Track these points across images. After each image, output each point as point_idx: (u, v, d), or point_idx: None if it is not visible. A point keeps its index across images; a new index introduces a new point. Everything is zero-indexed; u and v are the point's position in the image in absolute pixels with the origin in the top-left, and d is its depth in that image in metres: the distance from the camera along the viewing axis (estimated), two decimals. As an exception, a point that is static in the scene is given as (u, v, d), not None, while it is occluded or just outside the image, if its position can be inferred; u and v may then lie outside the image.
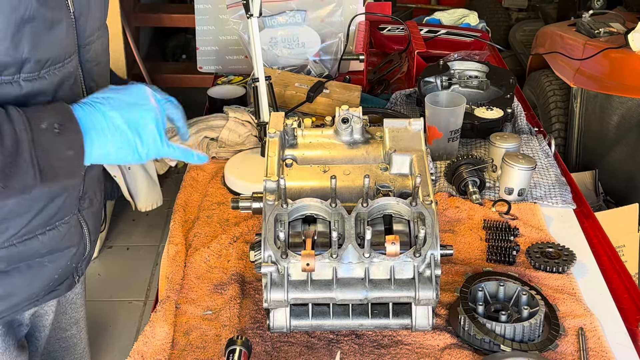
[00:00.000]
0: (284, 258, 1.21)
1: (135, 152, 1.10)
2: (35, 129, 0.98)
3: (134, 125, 1.09)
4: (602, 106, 3.12)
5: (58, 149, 1.00)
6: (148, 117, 1.11)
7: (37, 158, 0.98)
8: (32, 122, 0.98)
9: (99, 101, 1.07)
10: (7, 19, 0.99)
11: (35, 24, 1.03)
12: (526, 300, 1.30)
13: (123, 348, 2.89)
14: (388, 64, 2.45)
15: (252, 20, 1.70)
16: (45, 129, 0.99)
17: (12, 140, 0.95)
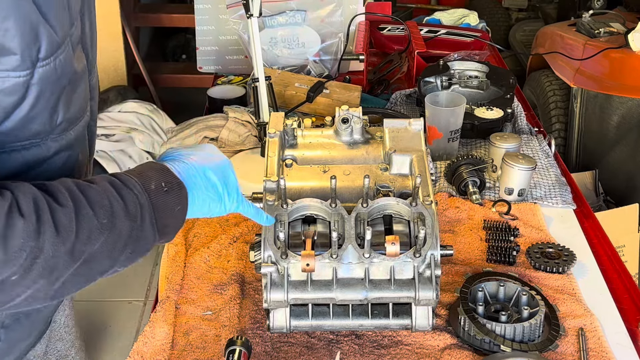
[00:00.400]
0: (284, 258, 1.21)
1: (223, 204, 1.10)
2: (149, 190, 0.98)
3: (223, 178, 1.10)
4: (602, 106, 3.12)
5: (170, 207, 1.01)
6: (230, 171, 1.12)
7: (155, 219, 0.98)
8: (144, 184, 0.98)
9: (186, 156, 1.08)
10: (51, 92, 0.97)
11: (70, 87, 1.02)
12: (526, 301, 1.30)
13: (123, 348, 2.89)
14: (388, 64, 2.45)
15: (252, 20, 1.70)
16: (155, 189, 0.99)
17: (134, 205, 0.95)
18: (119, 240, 0.93)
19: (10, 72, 0.89)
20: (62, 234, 0.86)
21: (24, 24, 0.89)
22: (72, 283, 0.90)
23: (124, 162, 3.21)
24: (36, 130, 0.98)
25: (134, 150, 3.24)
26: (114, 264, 0.95)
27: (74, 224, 0.87)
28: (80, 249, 0.88)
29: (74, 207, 0.88)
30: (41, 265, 0.85)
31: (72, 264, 0.88)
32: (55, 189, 0.89)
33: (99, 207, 0.91)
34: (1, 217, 0.81)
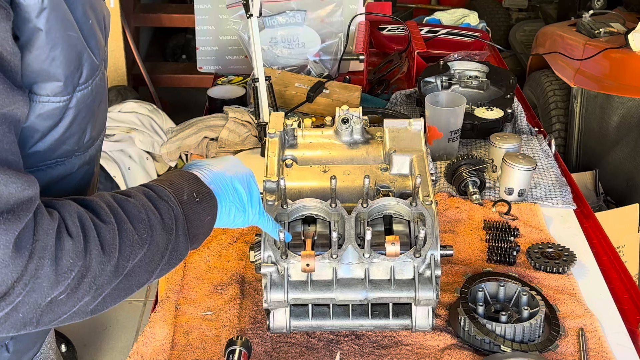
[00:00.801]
0: (284, 258, 1.21)
1: (246, 216, 1.11)
2: (181, 201, 0.99)
3: (248, 189, 1.11)
4: (603, 106, 3.12)
5: (201, 217, 1.01)
6: (253, 182, 1.13)
7: (188, 229, 0.99)
8: (177, 195, 0.99)
9: (214, 165, 1.09)
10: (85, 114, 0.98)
11: (98, 106, 1.03)
12: (526, 301, 1.30)
13: (123, 348, 2.89)
14: (388, 64, 2.45)
15: (252, 20, 1.70)
16: (188, 199, 1.00)
17: (170, 217, 0.96)
18: (156, 253, 0.94)
19: (51, 97, 0.91)
20: (107, 252, 0.87)
21: (70, 53, 0.90)
22: (112, 298, 0.91)
23: (124, 162, 3.21)
24: (66, 150, 0.99)
25: (133, 150, 3.24)
26: (151, 276, 0.96)
27: (117, 240, 0.88)
28: (123, 264, 0.89)
29: (116, 224, 0.89)
30: (87, 284, 0.86)
31: (115, 280, 0.89)
32: (96, 205, 0.90)
33: (138, 221, 0.92)
34: (51, 237, 0.82)
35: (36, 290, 0.81)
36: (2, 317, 0.81)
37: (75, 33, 0.91)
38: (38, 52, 0.87)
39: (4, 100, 0.79)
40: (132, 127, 3.27)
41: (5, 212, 0.78)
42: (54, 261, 0.81)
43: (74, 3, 0.91)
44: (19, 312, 0.81)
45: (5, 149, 0.80)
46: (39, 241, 0.80)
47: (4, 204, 0.78)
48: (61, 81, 0.90)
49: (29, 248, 0.79)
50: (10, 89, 0.80)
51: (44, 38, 0.86)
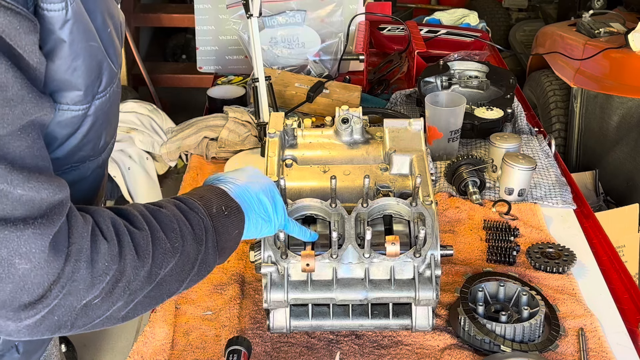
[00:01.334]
0: (284, 258, 1.21)
1: (273, 225, 1.13)
2: (211, 214, 1.00)
3: (272, 199, 1.12)
4: (603, 106, 3.12)
5: (229, 231, 1.03)
6: (276, 191, 1.14)
7: (217, 242, 1.00)
8: (207, 208, 1.01)
9: (238, 179, 1.10)
10: (102, 121, 0.98)
11: (113, 112, 1.03)
12: (526, 301, 1.30)
13: (123, 348, 2.89)
14: (388, 64, 2.45)
15: (252, 20, 1.70)
16: (217, 212, 1.01)
17: (200, 228, 0.98)
18: (187, 263, 0.95)
19: (71, 106, 0.91)
20: (141, 257, 0.88)
21: (91, 63, 0.91)
22: (143, 305, 0.92)
23: (124, 162, 3.21)
24: (82, 156, 0.99)
25: (133, 150, 3.24)
26: (180, 285, 0.97)
27: (150, 247, 0.89)
28: (155, 272, 0.90)
29: (149, 231, 0.90)
30: (122, 288, 0.86)
31: (148, 287, 0.90)
32: (129, 213, 0.91)
33: (170, 230, 0.93)
34: (86, 240, 0.82)
35: (72, 293, 0.82)
36: (38, 320, 0.81)
37: (96, 43, 0.92)
38: (60, 62, 0.87)
39: (34, 107, 0.80)
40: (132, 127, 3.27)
41: (39, 217, 0.78)
42: (89, 264, 0.82)
43: (94, 12, 0.91)
44: (54, 315, 0.82)
45: (36, 156, 0.81)
46: (74, 244, 0.81)
47: (37, 209, 0.79)
48: (82, 90, 0.91)
49: (64, 251, 0.80)
50: (39, 96, 0.81)
51: (67, 49, 0.86)
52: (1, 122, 0.76)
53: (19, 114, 0.78)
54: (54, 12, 0.84)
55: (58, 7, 0.84)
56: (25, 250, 0.77)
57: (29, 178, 0.78)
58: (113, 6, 0.99)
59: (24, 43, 0.79)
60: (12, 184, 0.76)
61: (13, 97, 0.77)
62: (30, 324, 0.81)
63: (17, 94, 0.77)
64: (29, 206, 0.78)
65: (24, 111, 0.78)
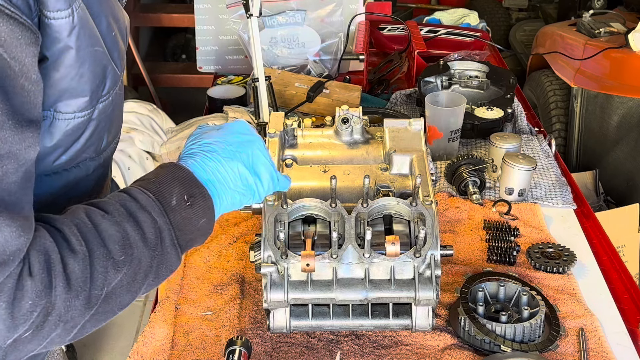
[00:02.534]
0: (284, 258, 1.21)
1: (255, 194, 1.03)
2: (168, 209, 0.91)
3: (252, 166, 1.02)
4: (603, 106, 3.12)
5: (192, 223, 0.94)
6: (261, 154, 1.04)
7: (177, 239, 0.92)
8: (163, 202, 0.91)
9: (213, 149, 1.00)
10: (104, 123, 0.97)
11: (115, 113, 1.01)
12: (526, 301, 1.30)
13: (123, 348, 2.89)
14: (388, 64, 2.45)
15: (252, 20, 1.70)
16: (177, 205, 0.92)
17: (154, 230, 0.89)
18: (138, 272, 0.88)
19: (77, 113, 0.90)
20: (74, 287, 0.81)
21: (96, 68, 0.90)
22: (92, 323, 0.86)
23: (124, 162, 3.20)
24: (84, 158, 0.98)
25: (133, 150, 3.24)
26: (134, 295, 0.90)
27: (87, 271, 0.82)
28: (96, 294, 0.84)
29: (87, 251, 0.83)
30: (54, 321, 0.81)
31: (89, 311, 0.84)
32: (67, 229, 0.83)
33: (114, 242, 0.85)
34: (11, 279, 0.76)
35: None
36: None
37: (101, 48, 0.90)
38: (67, 71, 0.86)
39: (13, 137, 0.76)
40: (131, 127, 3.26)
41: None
42: (10, 304, 0.76)
43: (98, 16, 0.90)
44: None
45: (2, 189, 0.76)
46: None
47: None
48: (87, 97, 0.90)
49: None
50: (20, 126, 0.77)
51: (74, 56, 0.85)
52: None
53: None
54: (60, 19, 0.82)
55: (64, 15, 0.82)
56: None
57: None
58: (118, 9, 0.98)
59: (24, 55, 0.77)
60: None
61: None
62: None
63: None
64: None
65: (1, 138, 0.75)
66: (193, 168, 0.97)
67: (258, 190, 1.04)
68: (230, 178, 0.99)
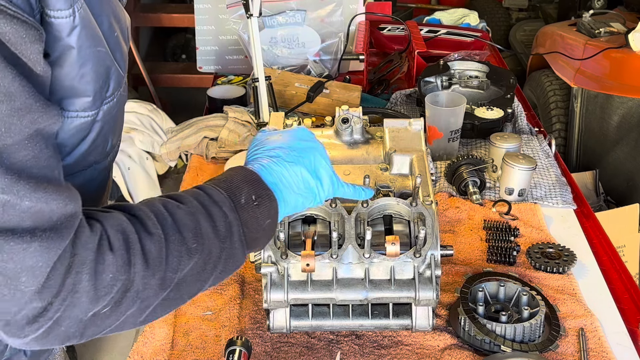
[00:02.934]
0: (284, 258, 1.21)
1: (316, 197, 1.07)
2: (238, 206, 0.95)
3: (314, 171, 1.05)
4: (603, 106, 3.12)
5: (259, 222, 0.97)
6: (322, 159, 1.07)
7: (244, 235, 0.95)
8: (234, 199, 0.95)
9: (277, 154, 1.04)
10: (109, 125, 0.97)
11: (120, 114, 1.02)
12: (526, 301, 1.30)
13: (123, 348, 2.89)
14: (388, 64, 2.45)
15: (252, 20, 1.70)
16: (245, 203, 0.96)
17: (225, 224, 0.93)
18: (208, 262, 0.91)
19: (80, 113, 0.90)
20: (152, 266, 0.85)
21: (99, 68, 0.90)
22: (162, 308, 0.90)
23: (124, 162, 3.21)
24: (90, 161, 0.98)
25: (133, 150, 3.24)
26: (203, 285, 0.93)
27: (163, 252, 0.86)
28: (170, 276, 0.87)
29: (163, 235, 0.86)
30: (132, 298, 0.84)
31: (162, 292, 0.87)
32: (144, 214, 0.87)
33: (188, 230, 0.89)
34: (91, 252, 0.80)
35: (76, 305, 0.80)
36: (43, 332, 0.80)
37: (104, 48, 0.90)
38: (69, 70, 0.86)
39: (41, 116, 0.78)
40: (132, 127, 3.27)
41: (48, 229, 0.76)
42: (93, 276, 0.80)
43: (100, 16, 0.90)
44: (60, 326, 0.81)
45: (43, 166, 0.78)
46: (77, 255, 0.79)
47: (47, 221, 0.77)
48: (90, 97, 0.90)
49: (66, 263, 0.78)
50: (46, 105, 0.79)
51: (75, 55, 0.86)
52: (8, 131, 0.74)
53: (27, 123, 0.76)
54: (61, 19, 0.83)
55: (65, 14, 0.83)
56: (31, 264, 0.75)
57: (36, 189, 0.76)
58: (119, 9, 0.98)
59: (29, 52, 0.77)
60: (18, 194, 0.74)
61: (21, 106, 0.75)
62: (36, 337, 0.80)
63: (25, 102, 0.76)
64: (37, 217, 0.76)
65: (32, 120, 0.77)
66: (260, 172, 1.01)
67: (319, 193, 1.07)
68: (293, 182, 1.03)
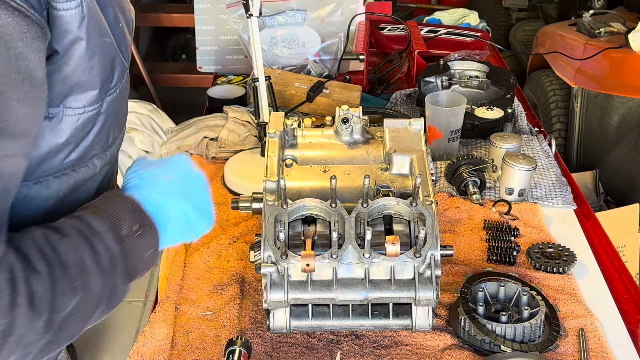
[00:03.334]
0: (284, 258, 1.21)
1: (194, 230, 1.03)
2: (121, 238, 0.90)
3: (194, 203, 1.01)
4: (603, 106, 3.12)
5: (141, 253, 0.93)
6: (203, 190, 1.04)
7: (126, 268, 0.90)
8: (116, 230, 0.90)
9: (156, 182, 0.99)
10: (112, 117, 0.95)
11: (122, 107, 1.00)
12: (526, 301, 1.30)
13: (123, 348, 2.89)
14: (388, 64, 2.45)
15: (252, 20, 1.69)
16: (127, 234, 0.91)
17: (108, 258, 0.88)
18: (90, 299, 0.86)
19: (87, 107, 0.89)
20: (36, 308, 0.78)
21: (105, 60, 0.89)
22: (43, 352, 0.83)
23: (124, 162, 3.20)
24: (92, 155, 0.97)
25: (133, 150, 3.24)
26: (84, 325, 0.88)
27: (49, 293, 0.80)
28: (54, 318, 0.81)
29: (48, 272, 0.80)
30: (13, 344, 0.78)
31: (45, 336, 0.81)
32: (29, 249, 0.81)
33: (72, 266, 0.83)
34: None
35: None
36: None
37: (109, 39, 0.90)
38: (78, 63, 0.85)
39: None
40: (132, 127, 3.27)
41: None
42: None
43: (105, 7, 0.90)
44: None
45: None
46: None
47: None
48: (97, 89, 0.89)
49: None
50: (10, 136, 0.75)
51: (84, 47, 0.85)
52: None
53: None
54: (70, 10, 0.82)
55: (73, 5, 0.82)
56: None
57: None
58: (124, 1, 0.98)
59: (30, 50, 0.76)
60: None
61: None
62: None
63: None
64: None
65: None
66: (141, 200, 0.96)
67: (199, 227, 1.02)
68: (172, 213, 0.98)
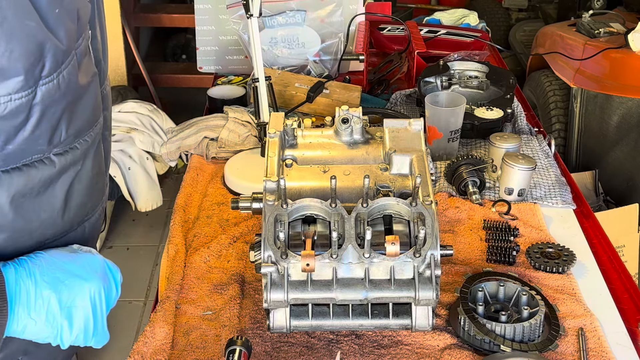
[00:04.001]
0: (284, 258, 1.21)
1: (58, 337, 0.94)
2: None
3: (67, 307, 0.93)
4: (602, 106, 3.12)
5: None
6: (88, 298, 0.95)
7: None
8: None
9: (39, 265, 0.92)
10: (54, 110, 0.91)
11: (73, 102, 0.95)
12: (526, 301, 1.30)
13: (123, 348, 2.87)
14: (388, 64, 2.45)
15: (252, 20, 1.70)
16: None
17: None
18: None
19: (13, 95, 0.85)
20: None
21: (29, 43, 0.84)
22: None
23: (124, 162, 3.21)
24: (40, 150, 0.93)
25: (134, 150, 3.25)
26: None
27: None
28: None
29: None
30: None
31: None
32: None
33: None
34: None
35: None
36: None
37: (34, 22, 0.84)
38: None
39: None
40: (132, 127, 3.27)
41: None
42: None
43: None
44: None
45: None
46: None
47: None
48: (21, 75, 0.85)
49: None
50: None
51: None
52: None
53: None
54: None
55: None
56: None
57: None
58: None
59: None
60: None
61: None
62: None
63: None
64: None
65: None
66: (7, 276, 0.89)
67: (62, 334, 0.95)
68: (34, 304, 0.90)
